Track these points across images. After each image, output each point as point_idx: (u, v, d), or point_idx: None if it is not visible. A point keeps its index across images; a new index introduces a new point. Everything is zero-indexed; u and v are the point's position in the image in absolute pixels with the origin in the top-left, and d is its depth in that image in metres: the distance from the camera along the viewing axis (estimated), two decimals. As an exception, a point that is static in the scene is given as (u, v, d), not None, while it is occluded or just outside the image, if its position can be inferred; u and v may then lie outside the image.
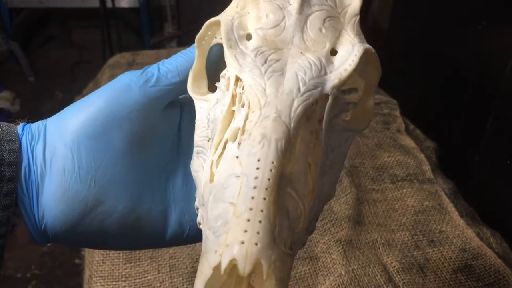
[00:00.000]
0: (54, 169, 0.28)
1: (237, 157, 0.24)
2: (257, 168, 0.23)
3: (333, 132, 0.28)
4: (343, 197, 0.76)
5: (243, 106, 0.26)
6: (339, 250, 0.66)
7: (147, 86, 0.29)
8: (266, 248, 0.21)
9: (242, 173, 0.23)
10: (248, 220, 0.21)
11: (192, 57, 0.30)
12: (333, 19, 0.30)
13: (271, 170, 0.23)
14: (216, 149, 0.26)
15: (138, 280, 0.63)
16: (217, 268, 0.21)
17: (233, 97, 0.27)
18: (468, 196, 0.81)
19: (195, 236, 0.32)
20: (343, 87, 0.28)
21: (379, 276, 0.63)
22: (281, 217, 0.23)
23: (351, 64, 0.28)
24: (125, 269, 0.64)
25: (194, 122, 0.30)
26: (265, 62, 0.27)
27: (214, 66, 0.31)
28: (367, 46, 0.29)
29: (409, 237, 0.70)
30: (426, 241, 0.69)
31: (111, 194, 0.29)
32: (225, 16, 0.29)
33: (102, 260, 0.65)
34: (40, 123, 0.29)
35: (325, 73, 0.28)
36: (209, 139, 0.28)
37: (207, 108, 0.29)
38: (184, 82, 0.30)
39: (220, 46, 0.30)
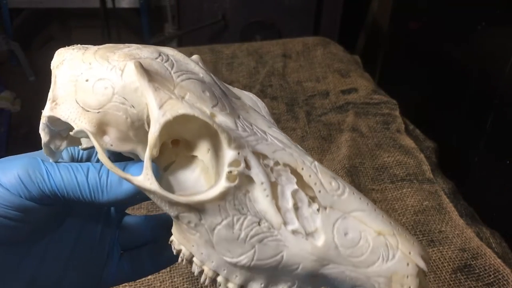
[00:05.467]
0: None
1: (324, 208, 0.28)
2: (361, 199, 0.29)
3: None
4: (343, 197, 0.75)
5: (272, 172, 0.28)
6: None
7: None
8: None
9: (355, 209, 0.29)
10: (403, 235, 0.29)
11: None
12: None
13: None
14: (285, 220, 0.28)
15: (138, 280, 0.63)
16: (420, 272, 0.28)
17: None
18: (468, 196, 0.82)
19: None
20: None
21: (379, 276, 0.63)
22: None
23: None
24: (125, 269, 0.64)
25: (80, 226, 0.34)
26: (254, 133, 0.29)
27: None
28: None
29: (409, 237, 0.70)
30: (425, 241, 0.69)
31: None
32: (192, 109, 0.27)
33: (102, 260, 0.65)
34: None
35: None
36: (258, 222, 0.28)
37: (225, 205, 0.28)
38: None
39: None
